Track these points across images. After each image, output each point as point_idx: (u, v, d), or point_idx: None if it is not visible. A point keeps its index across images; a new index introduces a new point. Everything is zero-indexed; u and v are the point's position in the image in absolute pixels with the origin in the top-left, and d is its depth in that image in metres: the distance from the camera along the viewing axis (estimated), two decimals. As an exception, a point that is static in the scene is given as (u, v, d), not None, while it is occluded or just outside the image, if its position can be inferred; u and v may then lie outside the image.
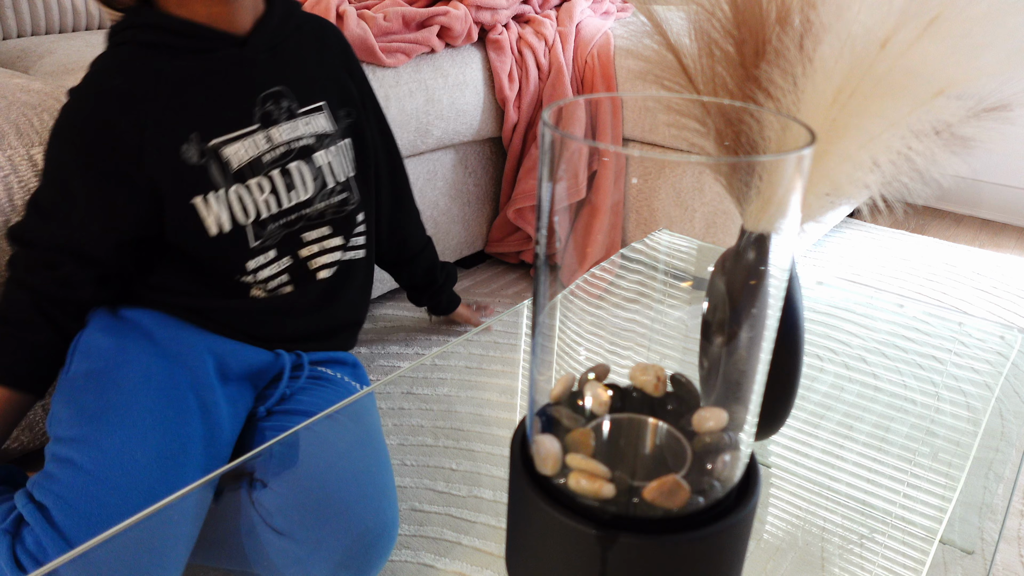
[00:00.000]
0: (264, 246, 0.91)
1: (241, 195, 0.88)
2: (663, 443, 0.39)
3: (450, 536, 0.72)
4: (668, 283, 0.38)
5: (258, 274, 0.92)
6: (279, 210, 0.91)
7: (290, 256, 0.94)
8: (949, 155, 0.45)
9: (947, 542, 0.64)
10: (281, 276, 0.94)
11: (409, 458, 0.84)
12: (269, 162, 0.90)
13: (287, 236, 0.93)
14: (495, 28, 1.66)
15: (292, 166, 0.92)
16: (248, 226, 0.89)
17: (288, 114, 0.92)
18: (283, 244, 0.93)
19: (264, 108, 0.90)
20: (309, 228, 0.95)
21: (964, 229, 2.31)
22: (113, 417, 0.78)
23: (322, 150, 0.96)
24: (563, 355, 0.37)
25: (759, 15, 0.48)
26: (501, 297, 1.74)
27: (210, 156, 0.85)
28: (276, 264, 0.93)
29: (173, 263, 0.90)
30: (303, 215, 0.94)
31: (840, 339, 0.93)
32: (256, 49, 0.89)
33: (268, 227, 0.91)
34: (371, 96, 1.11)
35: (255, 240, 0.90)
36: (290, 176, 0.92)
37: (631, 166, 0.31)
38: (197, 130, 0.85)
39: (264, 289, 0.93)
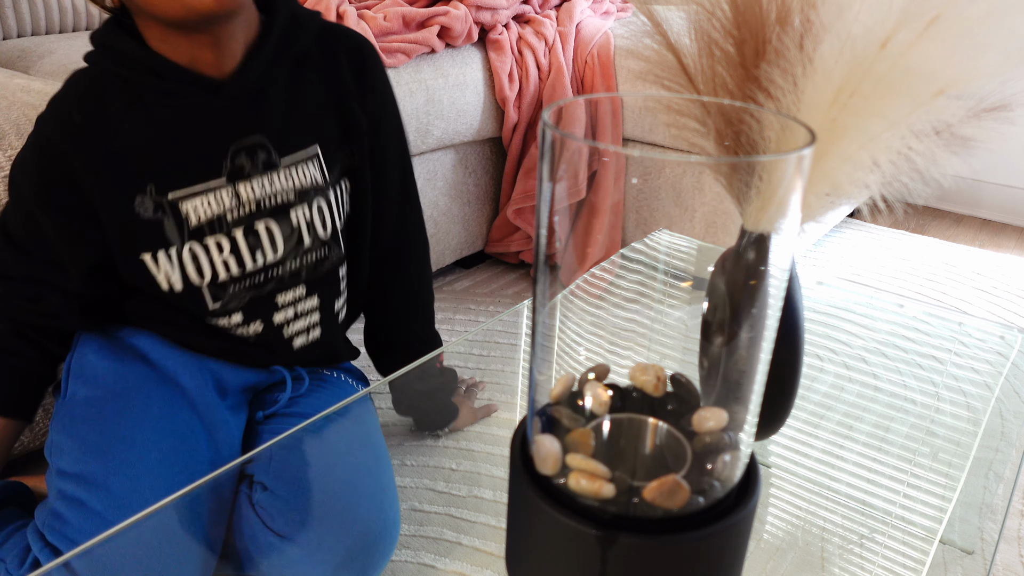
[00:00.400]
0: (227, 308, 0.82)
1: (196, 254, 0.78)
2: (663, 443, 0.39)
3: (450, 536, 0.72)
4: (668, 283, 0.38)
5: (232, 329, 0.84)
6: (240, 272, 0.81)
7: (261, 321, 0.85)
8: (949, 155, 0.45)
9: (947, 542, 0.64)
10: (251, 337, 0.85)
11: (409, 458, 0.84)
12: (233, 221, 0.79)
13: (255, 299, 0.83)
14: (495, 28, 1.66)
15: (260, 225, 0.81)
16: (203, 287, 0.80)
17: (265, 167, 0.81)
18: (250, 308, 0.83)
19: (235, 162, 0.79)
20: (282, 289, 0.85)
21: (964, 229, 2.31)
22: (118, 452, 0.75)
23: (301, 206, 0.83)
24: (563, 355, 0.37)
25: (759, 15, 0.48)
26: (501, 297, 1.74)
27: (166, 210, 0.77)
28: (245, 328, 0.84)
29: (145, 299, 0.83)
30: (273, 276, 0.83)
31: (840, 339, 0.93)
32: (232, 96, 0.78)
33: (229, 289, 0.81)
34: (392, 119, 0.95)
35: (214, 302, 0.81)
36: (257, 236, 0.81)
37: (631, 166, 0.31)
38: (154, 182, 0.76)
39: (228, 340, 0.85)
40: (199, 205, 0.78)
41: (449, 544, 0.72)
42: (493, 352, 1.03)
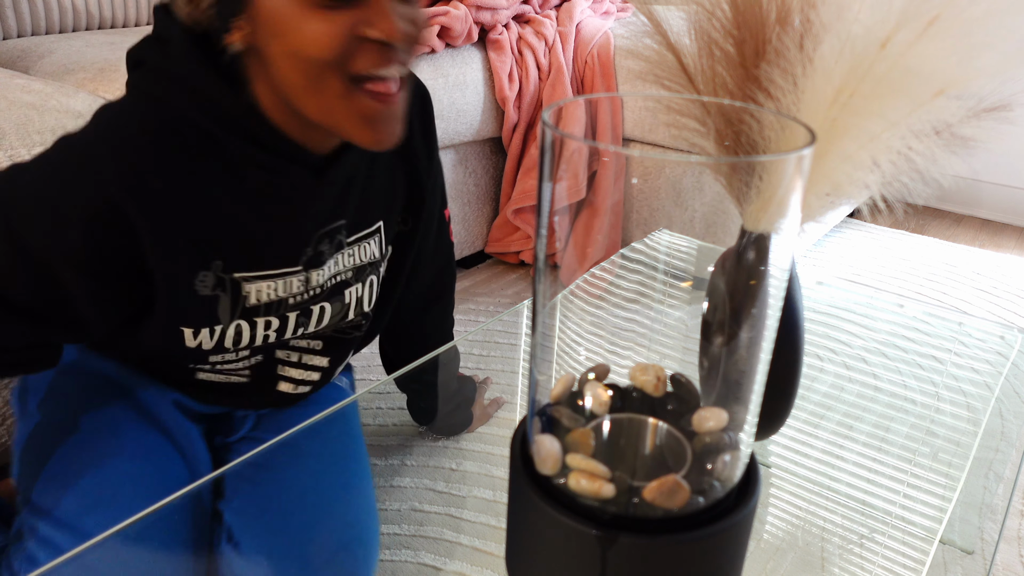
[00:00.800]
0: (240, 354, 0.74)
1: (241, 330, 0.70)
2: (663, 443, 0.39)
3: (450, 536, 0.72)
4: (668, 283, 0.38)
5: (216, 365, 0.75)
6: (274, 341, 0.74)
7: (262, 354, 0.76)
8: (949, 155, 0.45)
9: (947, 542, 0.64)
10: (242, 370, 0.77)
11: (409, 458, 0.84)
12: (293, 304, 0.71)
13: (267, 348, 0.75)
14: (495, 28, 1.66)
15: (316, 307, 0.73)
16: (231, 348, 0.72)
17: (336, 249, 0.72)
18: (263, 350, 0.75)
19: (316, 248, 0.70)
20: (299, 344, 0.78)
21: (964, 229, 2.31)
22: (92, 488, 0.69)
23: (357, 284, 0.76)
24: (563, 355, 0.37)
25: (759, 15, 0.48)
26: (501, 297, 1.74)
27: (226, 288, 0.66)
28: (244, 361, 0.75)
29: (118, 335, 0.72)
30: (302, 338, 0.77)
31: (840, 339, 0.93)
32: (332, 180, 0.68)
33: (253, 348, 0.74)
34: (439, 167, 0.85)
35: (233, 350, 0.72)
36: (308, 316, 0.73)
37: (631, 166, 0.31)
38: (224, 258, 0.65)
39: (215, 371, 0.76)
40: (264, 288, 0.68)
41: (449, 544, 0.72)
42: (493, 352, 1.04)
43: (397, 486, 0.79)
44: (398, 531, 0.75)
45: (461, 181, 1.73)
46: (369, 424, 0.91)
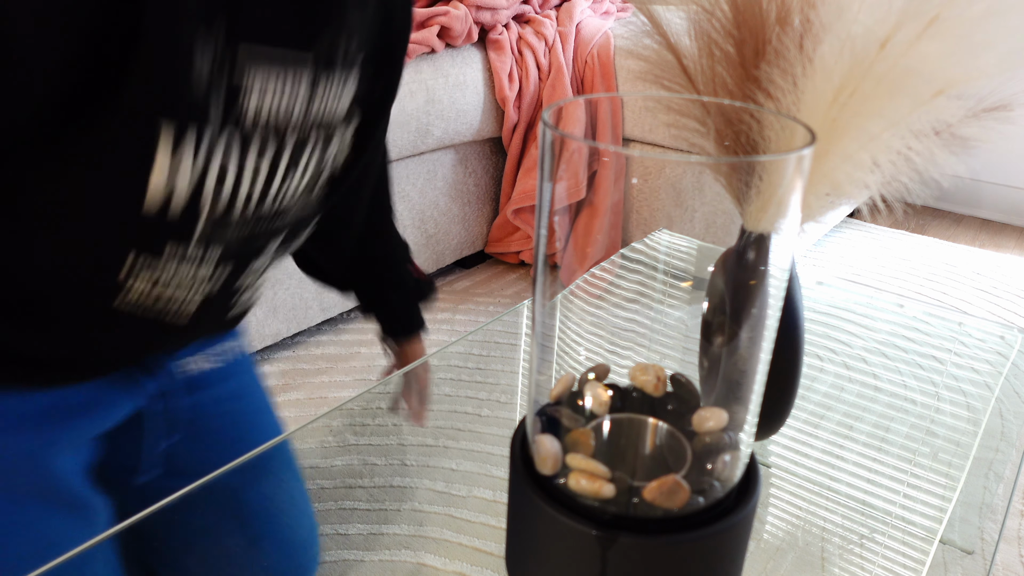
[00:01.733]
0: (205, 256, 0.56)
1: (228, 151, 0.50)
2: (663, 443, 0.39)
3: (450, 536, 0.72)
4: (668, 283, 0.38)
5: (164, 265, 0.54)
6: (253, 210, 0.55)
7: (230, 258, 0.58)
8: (949, 155, 0.45)
9: (947, 542, 0.64)
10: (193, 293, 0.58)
11: (409, 458, 0.84)
12: (292, 126, 0.54)
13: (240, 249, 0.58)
14: (495, 28, 1.66)
15: (311, 141, 0.57)
16: (203, 218, 0.52)
17: (344, 63, 0.57)
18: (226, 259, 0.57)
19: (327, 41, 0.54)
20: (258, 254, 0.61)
21: (964, 229, 2.31)
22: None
23: (342, 128, 0.61)
24: (563, 355, 0.37)
25: (759, 15, 0.48)
26: (501, 297, 1.74)
27: (224, 70, 0.48)
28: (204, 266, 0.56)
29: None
30: (272, 229, 0.59)
31: (840, 339, 0.93)
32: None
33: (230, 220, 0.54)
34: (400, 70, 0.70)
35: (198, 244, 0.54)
36: (297, 159, 0.57)
37: (631, 166, 0.31)
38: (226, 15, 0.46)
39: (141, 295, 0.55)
40: (272, 83, 0.51)
41: (449, 544, 0.72)
42: (493, 352, 1.04)
43: (397, 486, 0.79)
44: (398, 531, 0.75)
45: (461, 181, 1.73)
46: (368, 424, 0.91)
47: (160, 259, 0.53)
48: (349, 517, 0.81)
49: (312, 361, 1.50)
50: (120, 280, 0.53)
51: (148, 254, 0.52)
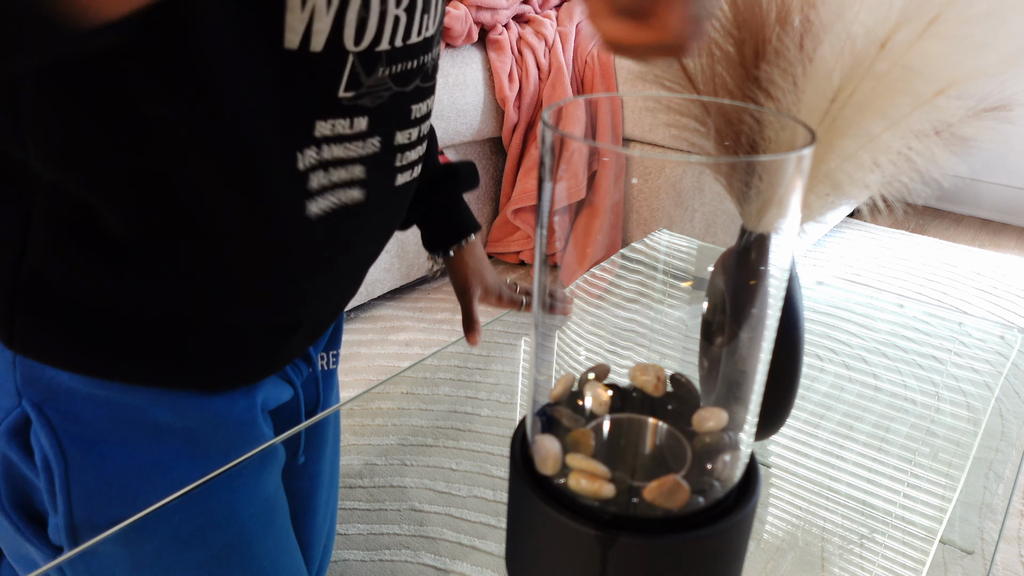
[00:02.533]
0: (358, 104, 0.48)
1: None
2: (663, 443, 0.39)
3: (450, 536, 0.72)
4: (668, 283, 0.38)
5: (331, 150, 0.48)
6: (403, 44, 0.48)
7: (380, 139, 0.51)
8: (949, 155, 0.45)
9: (947, 542, 0.64)
10: (355, 171, 0.51)
11: (409, 458, 0.84)
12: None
13: (392, 101, 0.51)
14: (495, 28, 1.66)
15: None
16: (353, 55, 0.45)
17: None
18: (381, 114, 0.50)
19: None
20: (419, 98, 0.54)
21: (964, 229, 2.31)
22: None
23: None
24: (563, 355, 0.37)
25: (759, 15, 0.48)
26: (501, 297, 1.75)
27: None
28: (358, 146, 0.50)
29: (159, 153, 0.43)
30: (420, 68, 0.52)
31: (840, 339, 0.93)
32: None
33: (378, 71, 0.48)
34: None
35: (351, 87, 0.47)
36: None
37: (631, 166, 0.31)
38: None
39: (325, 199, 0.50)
40: None
41: (449, 544, 0.72)
42: (493, 352, 1.04)
43: (397, 486, 0.79)
44: (398, 531, 0.75)
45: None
46: (368, 424, 0.91)
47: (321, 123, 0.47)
48: (349, 517, 0.81)
49: (312, 361, 1.50)
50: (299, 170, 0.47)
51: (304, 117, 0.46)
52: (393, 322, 1.64)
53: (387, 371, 1.48)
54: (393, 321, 1.64)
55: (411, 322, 1.64)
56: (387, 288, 1.66)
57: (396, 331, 1.60)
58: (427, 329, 1.61)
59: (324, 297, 0.59)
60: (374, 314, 1.67)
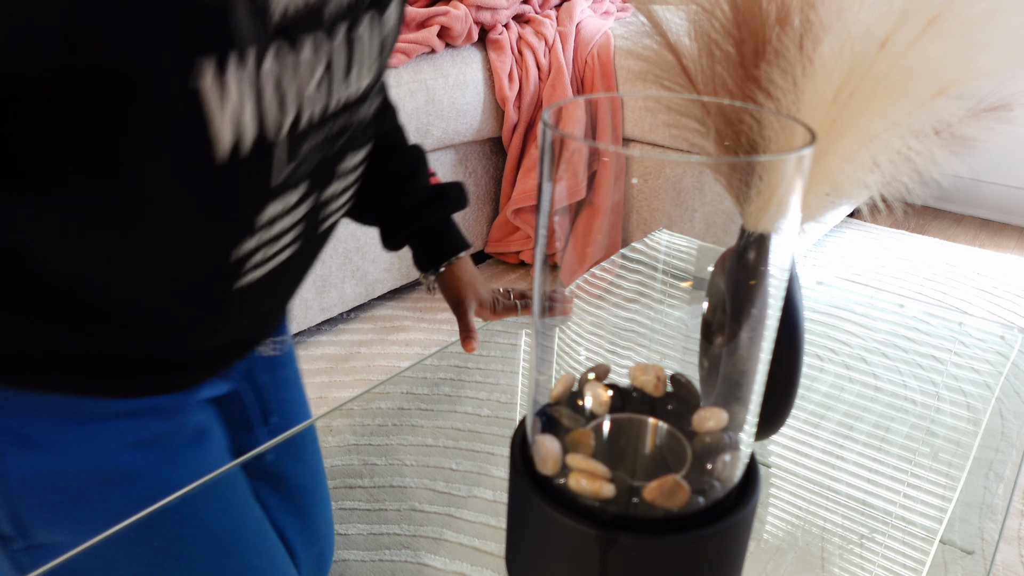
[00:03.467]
0: (295, 178, 0.49)
1: (281, 71, 0.43)
2: (663, 443, 0.39)
3: (450, 536, 0.72)
4: (668, 283, 0.38)
5: (267, 232, 0.50)
6: (324, 110, 0.48)
7: (312, 200, 0.53)
8: (949, 155, 0.45)
9: (947, 542, 0.64)
10: (287, 237, 0.53)
11: (409, 458, 0.84)
12: (336, 13, 0.46)
13: (321, 165, 0.52)
14: (495, 28, 1.66)
15: (363, 27, 0.48)
16: (280, 142, 0.46)
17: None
18: (311, 181, 0.51)
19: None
20: (349, 152, 0.55)
21: (964, 229, 2.31)
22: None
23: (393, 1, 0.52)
24: (563, 355, 0.37)
25: (759, 15, 0.48)
26: (501, 297, 1.75)
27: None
28: (292, 216, 0.52)
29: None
30: (347, 128, 0.52)
31: (840, 339, 0.93)
32: None
33: (306, 143, 0.48)
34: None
35: (280, 172, 0.47)
36: (353, 47, 0.48)
37: (631, 166, 0.31)
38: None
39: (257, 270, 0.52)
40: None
41: (449, 544, 0.72)
42: (493, 352, 1.03)
43: (397, 486, 0.79)
44: (398, 531, 0.75)
45: (461, 181, 1.73)
46: (368, 424, 0.91)
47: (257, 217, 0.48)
48: (349, 517, 0.81)
49: (312, 361, 1.50)
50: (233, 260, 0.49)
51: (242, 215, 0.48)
52: (393, 322, 1.64)
53: (387, 371, 1.48)
54: (393, 321, 1.64)
55: (411, 322, 1.64)
56: (387, 288, 1.66)
57: (396, 331, 1.60)
58: (427, 329, 1.61)
59: (245, 334, 0.62)
60: (374, 314, 1.67)
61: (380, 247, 1.59)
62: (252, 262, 0.51)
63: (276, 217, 0.50)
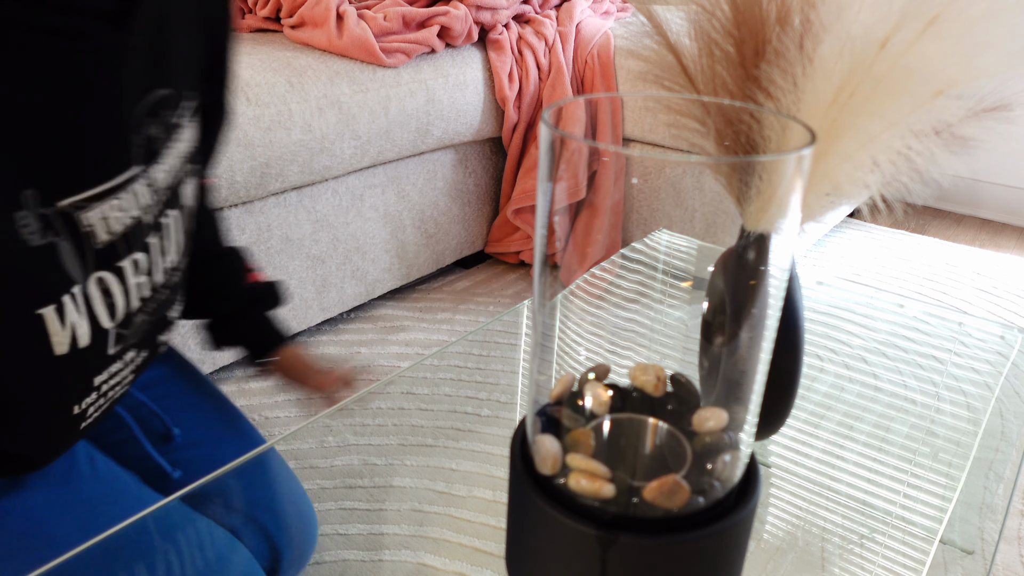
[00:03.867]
0: (125, 347, 0.57)
1: (107, 285, 0.51)
2: (663, 443, 0.39)
3: (450, 536, 0.72)
4: (668, 283, 0.38)
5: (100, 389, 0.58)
6: (150, 291, 0.57)
7: (149, 348, 0.62)
8: (949, 155, 0.45)
9: (947, 542, 0.64)
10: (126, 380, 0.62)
11: (409, 458, 0.84)
12: (150, 224, 0.54)
13: (152, 324, 0.60)
14: (495, 28, 1.66)
15: (169, 219, 0.57)
16: (112, 329, 0.54)
17: (167, 132, 0.54)
18: (147, 336, 0.61)
19: (147, 132, 0.51)
20: (174, 301, 0.64)
21: (964, 229, 2.31)
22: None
23: (189, 181, 0.60)
24: (563, 355, 0.37)
25: (759, 15, 0.48)
26: (501, 297, 1.75)
27: (59, 229, 0.47)
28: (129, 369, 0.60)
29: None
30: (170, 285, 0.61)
31: (840, 339, 0.93)
32: (141, 29, 0.48)
33: (134, 321, 0.56)
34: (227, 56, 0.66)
35: (115, 344, 0.55)
36: (163, 234, 0.57)
37: (631, 166, 0.31)
38: (36, 185, 0.45)
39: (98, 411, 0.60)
40: (108, 212, 0.49)
41: (449, 544, 0.72)
42: (493, 352, 1.03)
43: (397, 486, 0.79)
44: (398, 531, 0.75)
45: (461, 181, 1.73)
46: (368, 424, 0.91)
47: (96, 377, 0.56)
48: (349, 517, 0.81)
49: (312, 361, 1.50)
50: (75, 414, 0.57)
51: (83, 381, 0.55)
52: (393, 322, 1.64)
53: (387, 371, 1.48)
54: (393, 321, 1.64)
55: (411, 322, 1.64)
56: (387, 288, 1.66)
57: (396, 331, 1.60)
58: (427, 329, 1.61)
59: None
60: (374, 314, 1.67)
61: (380, 247, 1.59)
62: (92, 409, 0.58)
63: (115, 374, 0.58)
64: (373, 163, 1.48)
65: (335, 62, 1.39)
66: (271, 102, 1.27)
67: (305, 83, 1.32)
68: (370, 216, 1.55)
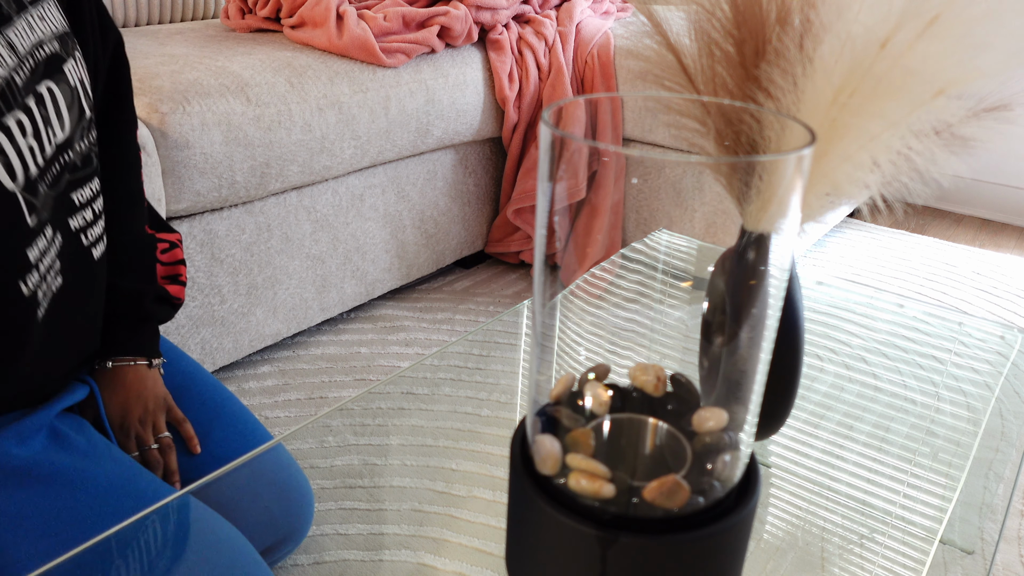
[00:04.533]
0: (41, 221, 0.62)
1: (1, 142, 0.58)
2: (663, 443, 0.39)
3: (450, 536, 0.72)
4: (668, 283, 0.38)
5: (39, 267, 0.63)
6: (44, 160, 0.62)
7: (61, 231, 0.66)
8: (949, 155, 0.45)
9: (947, 542, 0.64)
10: (62, 259, 0.66)
11: (409, 458, 0.84)
12: (23, 84, 0.60)
13: (56, 200, 0.65)
14: (495, 28, 1.66)
15: (43, 87, 0.62)
16: (18, 194, 0.59)
17: (16, 5, 0.61)
18: (55, 215, 0.64)
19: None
20: (77, 184, 0.67)
21: (964, 229, 2.31)
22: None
23: (70, 59, 0.66)
24: (563, 355, 0.37)
25: (759, 15, 0.48)
26: (501, 297, 1.75)
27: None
28: (52, 249, 0.64)
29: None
30: (66, 163, 0.66)
31: (840, 339, 0.93)
32: None
33: (39, 190, 0.62)
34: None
35: (30, 214, 0.61)
36: (44, 104, 0.62)
37: (631, 166, 0.31)
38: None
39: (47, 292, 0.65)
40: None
41: (449, 544, 0.72)
42: (493, 352, 1.03)
43: (397, 486, 0.79)
44: (398, 531, 0.75)
45: (461, 181, 1.73)
46: (368, 424, 0.91)
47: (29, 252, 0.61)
48: (349, 517, 0.81)
49: (312, 361, 1.50)
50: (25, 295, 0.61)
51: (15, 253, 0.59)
52: (393, 322, 1.64)
53: (387, 371, 1.48)
54: (393, 321, 1.64)
55: (411, 322, 1.64)
56: (387, 288, 1.66)
57: (396, 331, 1.60)
58: (427, 329, 1.61)
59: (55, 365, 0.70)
60: (374, 314, 1.67)
61: (380, 247, 1.59)
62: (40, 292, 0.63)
63: (44, 251, 0.63)
64: (373, 163, 1.48)
65: (335, 62, 1.39)
66: (271, 102, 1.27)
67: (305, 83, 1.32)
68: (370, 216, 1.55)
